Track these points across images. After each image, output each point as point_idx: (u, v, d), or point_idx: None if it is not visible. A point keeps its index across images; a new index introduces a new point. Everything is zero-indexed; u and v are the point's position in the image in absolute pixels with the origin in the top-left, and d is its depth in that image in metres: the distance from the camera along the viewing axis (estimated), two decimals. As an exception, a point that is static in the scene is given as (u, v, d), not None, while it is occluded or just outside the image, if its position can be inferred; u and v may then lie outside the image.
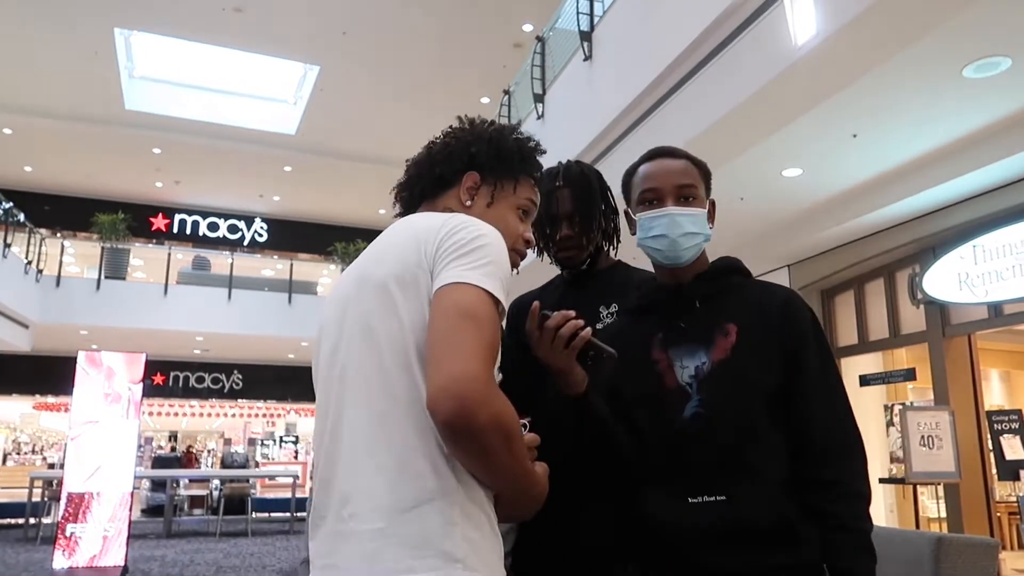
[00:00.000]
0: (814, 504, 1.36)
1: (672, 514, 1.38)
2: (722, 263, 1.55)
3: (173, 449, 17.66)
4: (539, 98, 8.19)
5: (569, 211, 1.81)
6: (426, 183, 1.37)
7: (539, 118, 8.17)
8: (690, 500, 1.37)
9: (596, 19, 6.85)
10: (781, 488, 1.37)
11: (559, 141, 7.23)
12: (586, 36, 6.86)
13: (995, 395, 9.22)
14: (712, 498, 1.36)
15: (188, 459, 15.89)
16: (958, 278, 5.99)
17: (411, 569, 1.06)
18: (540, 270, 1.98)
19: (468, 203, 1.34)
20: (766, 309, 1.45)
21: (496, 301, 1.13)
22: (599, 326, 1.73)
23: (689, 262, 1.50)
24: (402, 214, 1.39)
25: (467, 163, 1.35)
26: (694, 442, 1.39)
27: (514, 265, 1.33)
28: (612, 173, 1.79)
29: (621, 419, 1.49)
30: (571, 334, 1.35)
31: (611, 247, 1.89)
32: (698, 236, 1.48)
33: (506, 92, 9.69)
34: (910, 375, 6.95)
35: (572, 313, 1.37)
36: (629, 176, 1.58)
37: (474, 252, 1.15)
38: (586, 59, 6.91)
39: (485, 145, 1.36)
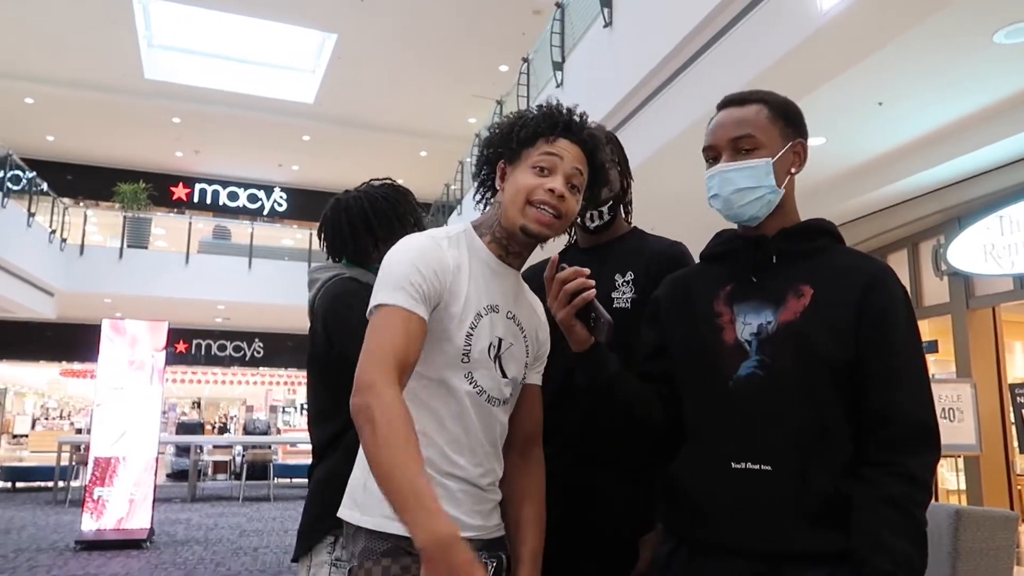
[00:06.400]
0: (866, 475, 1.21)
1: (710, 479, 1.29)
2: (813, 223, 1.41)
3: (184, 415, 17.94)
4: (558, 66, 8.09)
5: None
6: (486, 189, 1.52)
7: (558, 86, 8.08)
8: (733, 465, 1.27)
9: (617, -15, 6.74)
10: (833, 468, 1.23)
11: (578, 109, 7.14)
12: (606, 2, 6.76)
13: (1019, 368, 9.12)
14: (756, 466, 1.25)
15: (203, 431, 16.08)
16: (983, 249, 5.90)
17: (341, 503, 1.43)
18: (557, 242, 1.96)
19: (501, 188, 1.47)
20: (850, 278, 1.30)
21: (387, 305, 1.31)
22: (615, 294, 1.72)
23: (757, 218, 1.38)
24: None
25: (494, 161, 1.48)
26: (745, 403, 1.28)
27: (542, 223, 1.39)
28: (632, 141, 1.77)
29: (658, 379, 1.43)
30: (575, 291, 1.35)
31: (627, 213, 1.87)
32: (757, 190, 1.35)
33: (525, 60, 9.58)
34: (932, 347, 6.89)
35: (586, 271, 1.36)
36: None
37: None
38: (606, 26, 6.81)
39: (499, 138, 1.48)
